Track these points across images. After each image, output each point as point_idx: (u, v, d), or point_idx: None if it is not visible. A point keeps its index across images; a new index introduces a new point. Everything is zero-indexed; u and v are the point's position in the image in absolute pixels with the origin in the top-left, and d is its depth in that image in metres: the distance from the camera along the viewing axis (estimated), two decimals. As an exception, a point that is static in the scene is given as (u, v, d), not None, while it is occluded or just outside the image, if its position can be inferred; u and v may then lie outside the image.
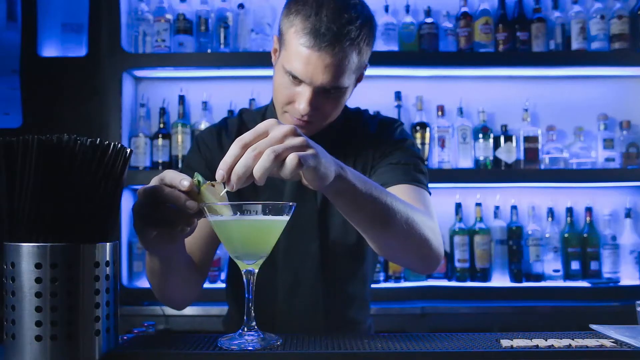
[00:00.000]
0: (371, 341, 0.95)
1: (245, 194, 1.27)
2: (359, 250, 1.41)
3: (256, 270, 0.95)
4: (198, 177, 0.93)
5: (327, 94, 1.26)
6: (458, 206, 2.60)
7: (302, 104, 1.24)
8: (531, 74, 2.65)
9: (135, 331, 2.07)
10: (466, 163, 2.57)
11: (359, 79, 1.37)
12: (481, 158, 2.55)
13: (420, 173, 1.37)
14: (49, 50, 2.53)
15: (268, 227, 0.93)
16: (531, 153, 2.54)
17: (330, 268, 1.39)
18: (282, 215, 0.92)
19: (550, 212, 2.58)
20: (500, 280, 2.55)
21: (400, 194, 1.21)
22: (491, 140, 2.56)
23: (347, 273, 1.43)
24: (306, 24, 1.20)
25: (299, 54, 1.21)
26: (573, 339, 0.95)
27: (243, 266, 0.94)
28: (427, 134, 2.57)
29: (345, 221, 1.14)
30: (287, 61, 1.24)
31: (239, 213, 0.90)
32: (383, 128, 1.46)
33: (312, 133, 1.29)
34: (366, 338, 0.97)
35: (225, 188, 0.91)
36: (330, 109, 1.29)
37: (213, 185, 0.93)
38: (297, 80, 1.24)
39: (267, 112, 1.46)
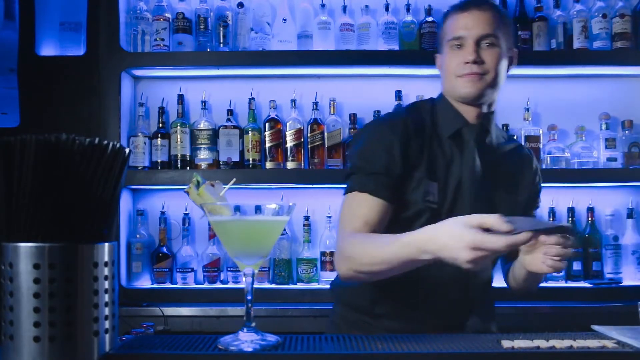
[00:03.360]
0: (371, 341, 0.94)
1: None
2: None
3: (256, 271, 0.94)
4: (197, 177, 0.93)
5: (482, 45, 1.49)
6: (459, 206, 2.59)
7: (467, 55, 1.47)
8: (532, 73, 2.63)
9: (134, 332, 2.07)
10: (467, 162, 2.55)
11: (511, 62, 1.57)
12: (482, 157, 2.54)
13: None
14: (47, 49, 2.51)
15: (268, 227, 0.93)
16: (532, 152, 2.53)
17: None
18: (281, 215, 0.92)
19: (552, 212, 2.56)
20: (501, 280, 2.53)
21: None
22: (492, 140, 2.55)
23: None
24: (455, 6, 1.55)
25: (454, 20, 1.51)
26: (575, 340, 0.94)
27: (243, 266, 0.93)
28: (428, 134, 2.56)
29: None
30: (449, 35, 1.51)
31: (238, 213, 0.89)
32: None
33: (484, 87, 1.50)
34: (366, 338, 0.96)
35: (225, 187, 0.91)
36: (490, 60, 1.49)
37: (213, 185, 0.92)
38: (458, 43, 1.49)
39: (437, 107, 1.63)
